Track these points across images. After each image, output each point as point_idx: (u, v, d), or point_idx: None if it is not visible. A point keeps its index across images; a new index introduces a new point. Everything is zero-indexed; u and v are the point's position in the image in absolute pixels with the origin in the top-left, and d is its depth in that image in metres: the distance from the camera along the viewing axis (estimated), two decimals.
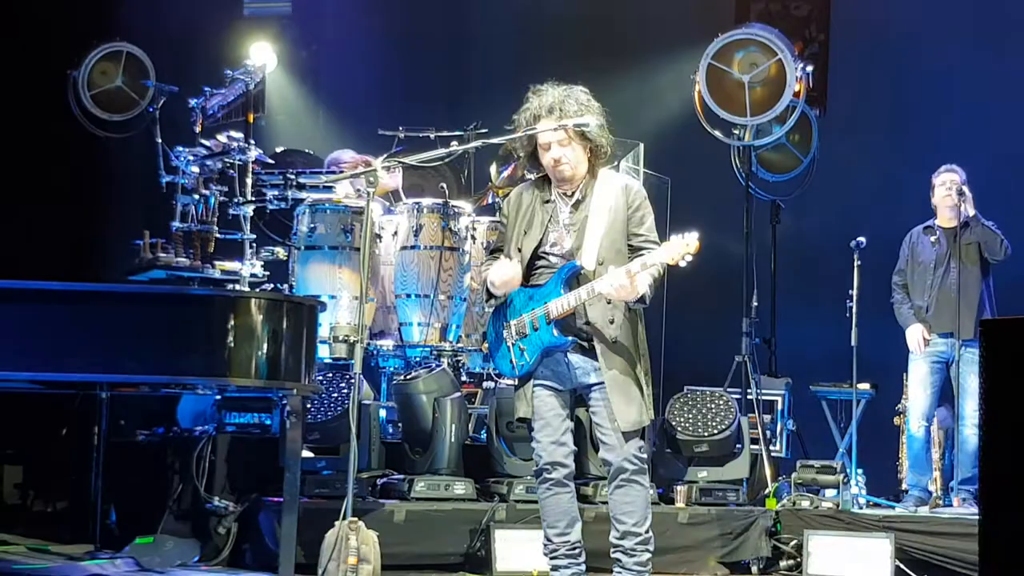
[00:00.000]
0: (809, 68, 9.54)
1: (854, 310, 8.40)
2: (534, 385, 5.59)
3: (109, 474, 7.08)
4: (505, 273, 5.58)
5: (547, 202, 5.65)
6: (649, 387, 5.61)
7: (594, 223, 5.55)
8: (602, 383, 5.50)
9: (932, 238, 8.31)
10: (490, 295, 5.73)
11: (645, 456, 5.62)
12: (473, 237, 7.98)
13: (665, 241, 5.38)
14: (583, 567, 5.62)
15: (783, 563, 7.46)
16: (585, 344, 5.53)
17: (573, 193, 5.63)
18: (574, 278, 5.51)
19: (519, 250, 5.62)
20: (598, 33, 10.78)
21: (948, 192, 8.22)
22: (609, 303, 5.49)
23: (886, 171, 10.26)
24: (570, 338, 5.50)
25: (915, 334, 8.26)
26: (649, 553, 5.57)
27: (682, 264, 5.33)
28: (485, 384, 8.15)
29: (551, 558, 5.62)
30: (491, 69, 10.94)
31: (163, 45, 9.73)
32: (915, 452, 8.29)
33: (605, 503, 6.35)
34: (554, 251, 5.59)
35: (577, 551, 5.60)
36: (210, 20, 10.20)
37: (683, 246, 5.30)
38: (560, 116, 5.53)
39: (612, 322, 5.50)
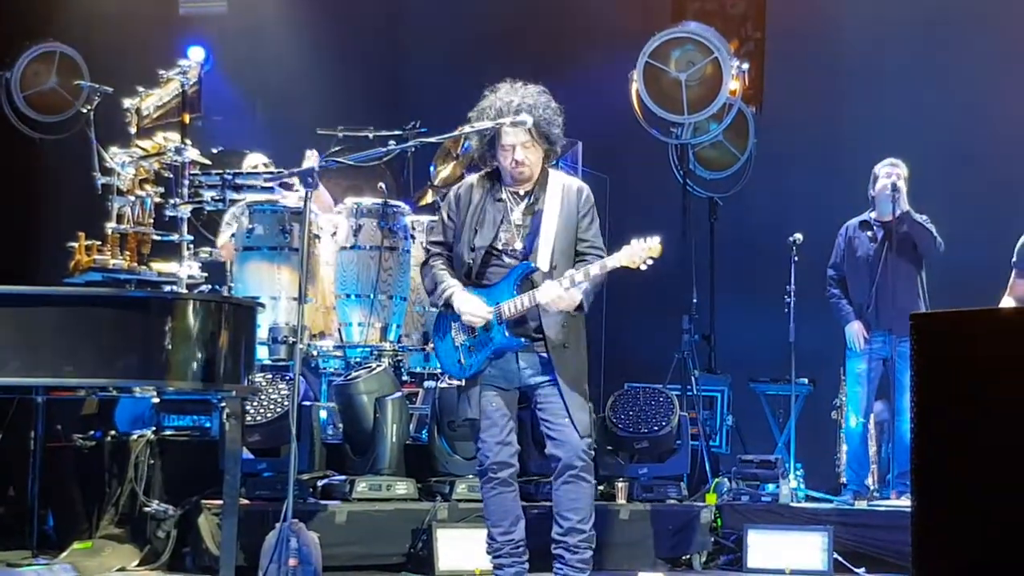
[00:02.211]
0: (745, 66, 9.62)
1: (792, 306, 8.47)
2: (482, 385, 5.60)
3: (46, 479, 6.99)
4: (478, 309, 5.55)
5: (499, 200, 5.65)
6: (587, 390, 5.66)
7: (547, 226, 5.57)
8: (549, 380, 5.52)
9: (869, 233, 8.36)
10: (443, 300, 5.68)
11: (593, 453, 5.66)
12: (413, 237, 7.96)
13: (626, 244, 5.41)
14: (526, 565, 5.64)
15: (723, 558, 7.51)
16: (536, 344, 5.54)
17: (526, 194, 5.64)
18: (527, 280, 5.52)
19: (472, 248, 5.61)
20: (535, 31, 10.80)
21: (891, 190, 8.23)
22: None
23: (822, 168, 10.35)
24: (522, 340, 5.52)
25: (856, 330, 8.33)
26: (591, 551, 5.60)
27: (643, 268, 5.37)
28: (426, 383, 8.14)
29: (494, 557, 5.64)
30: (430, 68, 10.93)
31: (97, 45, 9.66)
32: (854, 447, 8.36)
33: (548, 501, 6.37)
34: (506, 251, 5.60)
35: (521, 550, 5.62)
36: (145, 20, 10.13)
37: (645, 250, 5.35)
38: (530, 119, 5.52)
39: (564, 325, 5.53)
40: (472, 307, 5.55)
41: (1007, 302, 7.56)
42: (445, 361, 5.76)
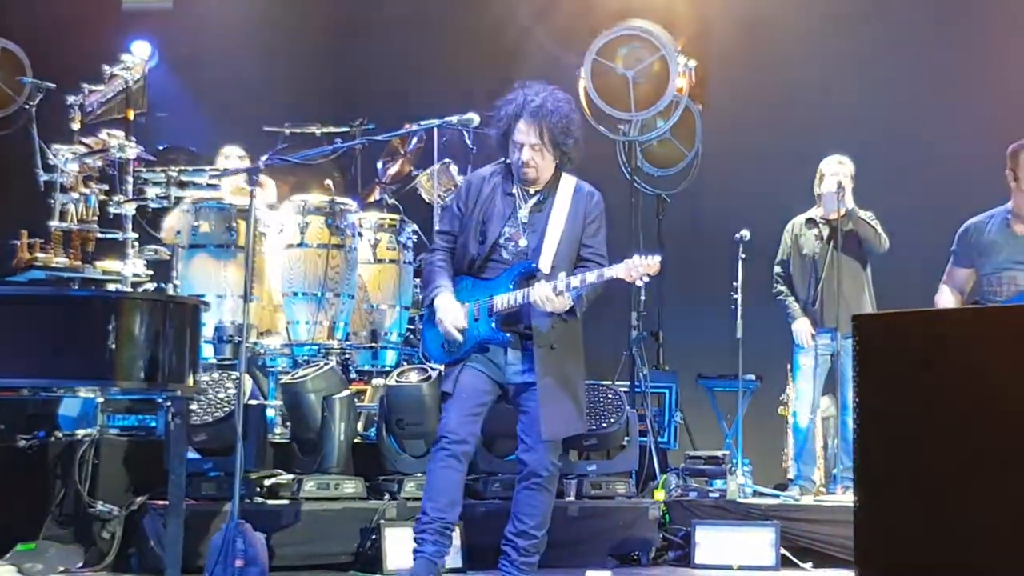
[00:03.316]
0: (692, 63, 9.65)
1: (739, 302, 8.51)
2: (465, 364, 5.59)
3: None
4: (453, 320, 5.54)
5: (508, 194, 5.65)
6: (583, 396, 5.63)
7: (553, 228, 5.58)
8: (534, 384, 5.51)
9: (815, 231, 8.39)
10: (429, 299, 5.67)
11: (560, 464, 5.66)
12: (360, 234, 7.94)
13: (626, 258, 5.41)
14: (448, 549, 5.62)
15: (672, 554, 7.54)
16: (526, 345, 5.53)
17: (535, 193, 5.64)
18: (526, 278, 5.51)
19: (479, 241, 5.59)
20: (483, 29, 10.78)
21: (838, 187, 8.26)
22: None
23: (768, 164, 10.39)
24: (508, 335, 5.50)
25: (803, 327, 8.37)
26: (538, 556, 5.65)
27: (639, 283, 5.38)
28: (374, 381, 8.12)
29: (419, 532, 5.58)
30: (377, 65, 10.89)
31: (40, 41, 9.55)
32: (801, 443, 8.40)
33: (496, 499, 6.37)
34: (508, 246, 5.59)
35: (448, 532, 5.59)
36: (88, 15, 10.03)
37: (644, 266, 5.35)
38: (541, 124, 5.52)
39: (554, 328, 5.52)
40: (450, 317, 5.55)
41: (943, 290, 7.61)
42: (430, 345, 5.75)
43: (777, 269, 8.56)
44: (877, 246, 8.20)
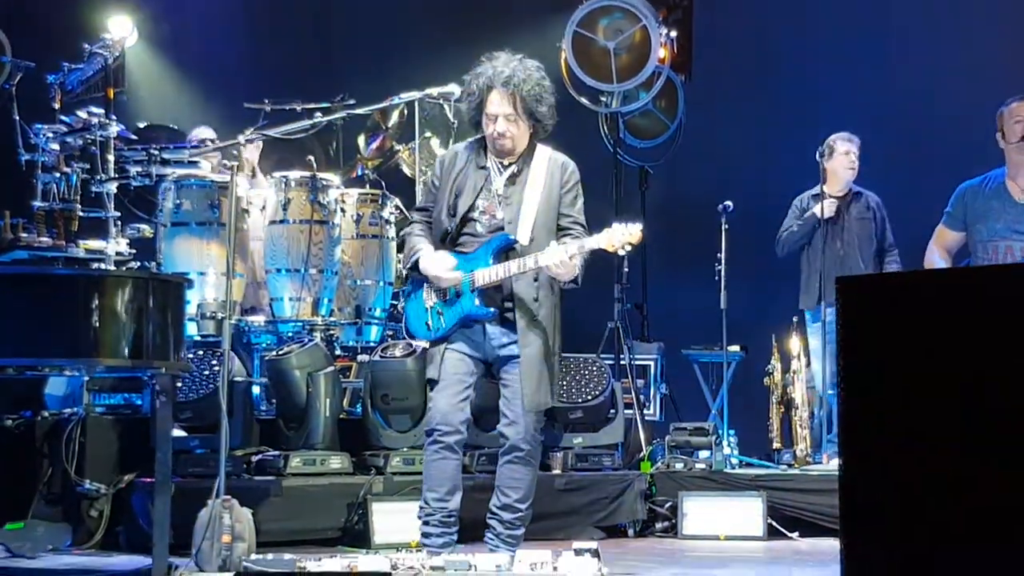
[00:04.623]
0: (673, 34, 9.64)
1: (722, 273, 8.52)
2: (447, 347, 5.58)
3: None
4: (442, 267, 5.53)
5: (481, 168, 5.63)
6: (557, 369, 5.64)
7: (529, 199, 5.56)
8: (516, 357, 5.51)
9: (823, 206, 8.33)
10: (411, 263, 5.66)
11: (542, 438, 5.67)
12: (343, 210, 7.92)
13: (607, 227, 5.41)
14: (455, 537, 5.63)
15: (659, 525, 7.57)
16: (507, 317, 5.53)
17: (509, 165, 5.62)
18: (504, 251, 5.51)
19: (451, 214, 5.58)
20: (463, 1, 10.75)
21: (852, 164, 8.32)
22: (535, 280, 5.50)
23: (751, 135, 10.40)
24: (493, 309, 5.50)
25: (818, 207, 8.22)
26: (523, 528, 5.66)
27: (620, 252, 5.39)
28: (359, 357, 8.12)
29: (424, 523, 5.61)
30: (357, 40, 10.85)
31: (18, 19, 9.47)
32: (822, 420, 8.39)
33: (482, 473, 6.39)
34: (482, 220, 5.58)
35: (452, 520, 5.61)
36: None
37: (626, 235, 5.36)
38: (514, 92, 5.51)
39: (536, 300, 5.53)
40: (438, 267, 5.53)
41: (933, 250, 7.61)
42: (413, 322, 5.71)
43: (783, 234, 8.53)
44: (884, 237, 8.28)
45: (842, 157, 8.32)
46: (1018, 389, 3.25)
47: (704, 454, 8.08)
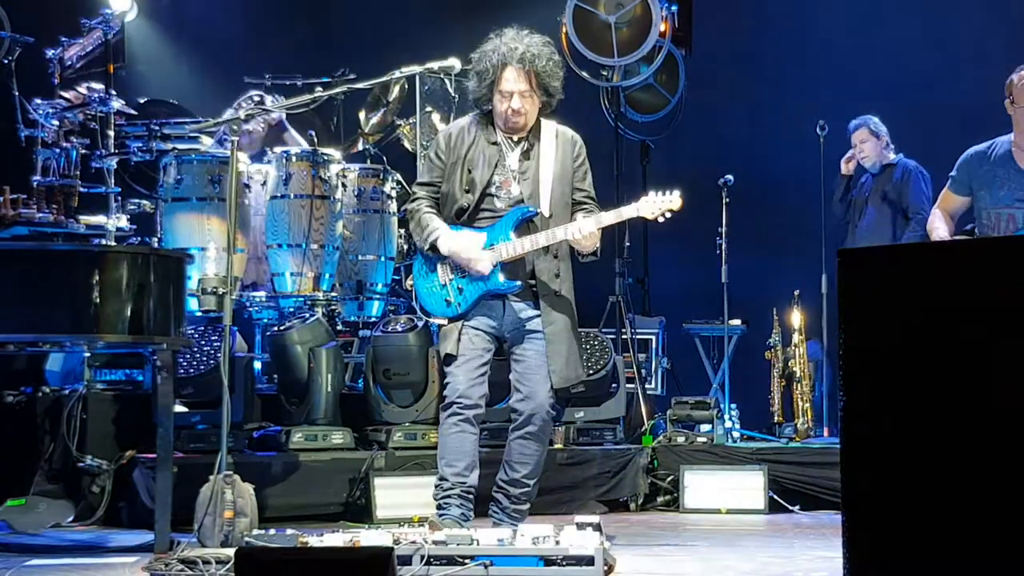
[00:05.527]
0: (674, 7, 9.59)
1: (723, 247, 8.51)
2: (465, 324, 5.56)
3: None
4: (473, 249, 5.50)
5: (493, 143, 5.62)
6: (581, 342, 5.65)
7: (544, 173, 5.57)
8: (536, 332, 5.51)
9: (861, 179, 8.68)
10: (429, 243, 5.60)
11: (554, 413, 5.67)
12: (344, 185, 7.90)
13: (643, 195, 5.45)
14: (472, 512, 5.62)
15: (660, 499, 7.58)
16: (529, 292, 5.52)
17: (520, 140, 5.61)
18: (525, 224, 5.50)
19: (467, 190, 5.56)
20: None
21: (861, 152, 8.66)
22: (556, 257, 5.50)
23: (752, 109, 10.37)
24: (518, 283, 5.49)
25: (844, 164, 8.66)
26: (529, 504, 5.67)
27: (660, 220, 5.39)
28: (361, 332, 8.11)
29: (441, 498, 5.57)
30: (357, 14, 10.81)
31: None
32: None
33: (485, 448, 6.39)
34: (499, 194, 5.57)
35: (471, 495, 5.58)
36: None
37: (665, 202, 5.39)
38: (530, 69, 5.50)
39: (558, 275, 5.54)
40: (469, 250, 5.49)
41: (936, 214, 7.58)
42: (428, 300, 5.66)
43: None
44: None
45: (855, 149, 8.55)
46: (1016, 362, 3.25)
47: (705, 428, 8.09)
